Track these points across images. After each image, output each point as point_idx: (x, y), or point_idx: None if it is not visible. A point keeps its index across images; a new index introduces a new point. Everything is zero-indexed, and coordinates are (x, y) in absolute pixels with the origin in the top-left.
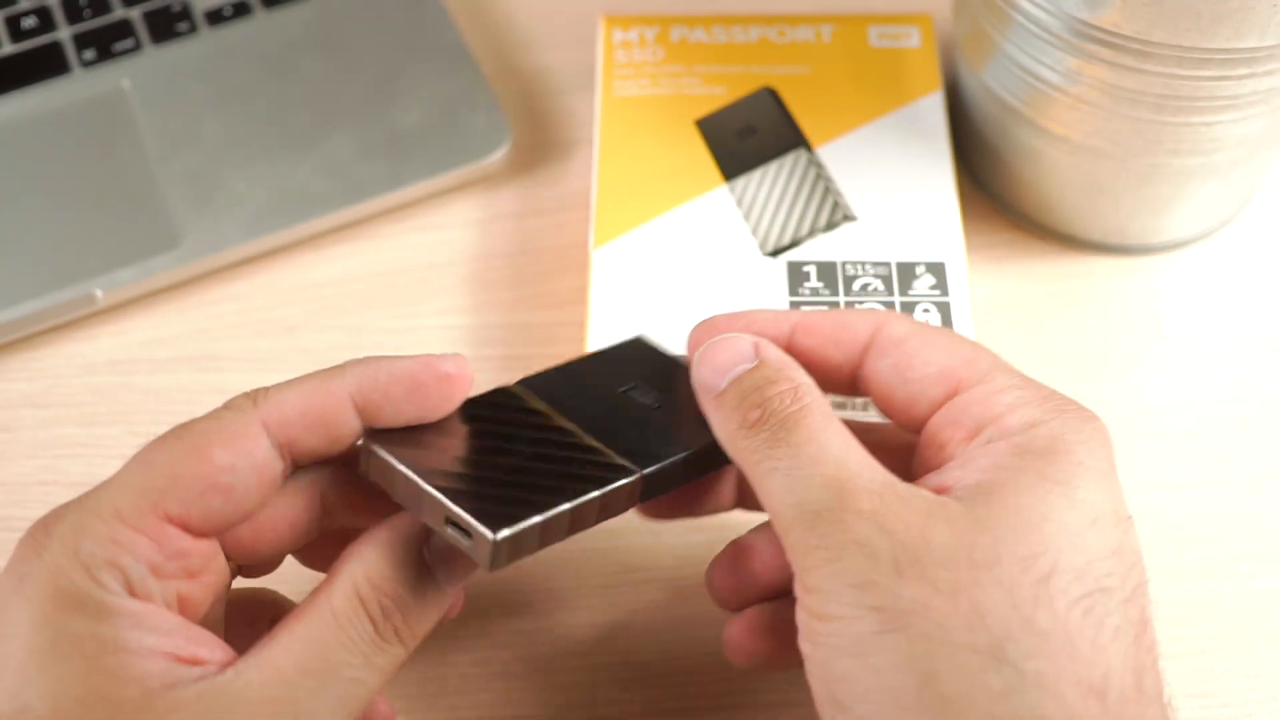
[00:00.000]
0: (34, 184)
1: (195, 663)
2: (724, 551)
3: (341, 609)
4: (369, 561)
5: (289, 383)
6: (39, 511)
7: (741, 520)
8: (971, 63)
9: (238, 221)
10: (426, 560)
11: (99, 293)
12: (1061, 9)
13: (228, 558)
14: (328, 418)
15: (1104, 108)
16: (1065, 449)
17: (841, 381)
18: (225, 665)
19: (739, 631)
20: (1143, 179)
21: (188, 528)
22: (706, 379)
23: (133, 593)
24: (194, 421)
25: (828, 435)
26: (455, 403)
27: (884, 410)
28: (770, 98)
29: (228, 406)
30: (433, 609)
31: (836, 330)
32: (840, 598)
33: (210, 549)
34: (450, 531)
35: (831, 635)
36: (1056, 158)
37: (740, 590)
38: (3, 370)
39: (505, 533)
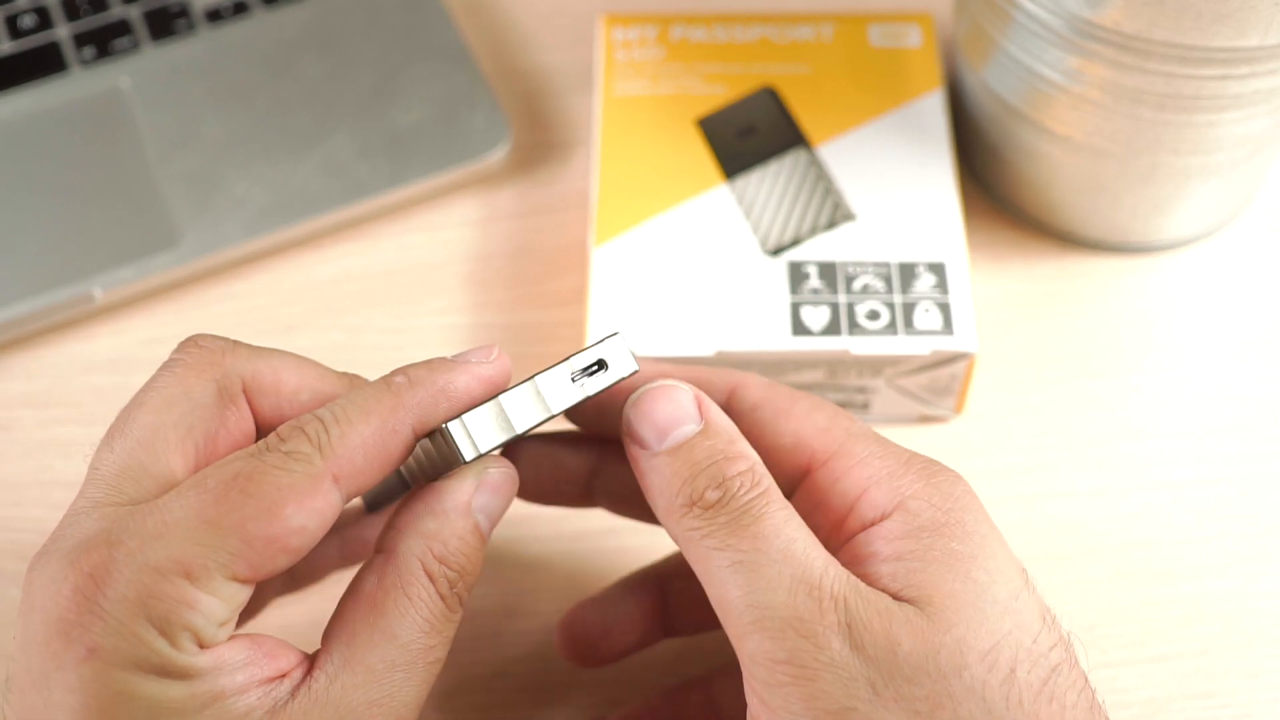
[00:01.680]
0: (32, 183)
1: (280, 677)
2: (567, 618)
3: (415, 591)
4: (431, 535)
5: (350, 420)
6: (38, 511)
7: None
8: (972, 62)
9: (237, 220)
10: (477, 518)
11: (98, 292)
12: (1063, 7)
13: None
14: (392, 458)
15: (1105, 107)
16: (953, 519)
17: None
18: (303, 668)
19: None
20: (1144, 178)
21: (250, 582)
22: (641, 433)
23: (202, 645)
24: (260, 470)
25: (792, 528)
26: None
27: None
28: (771, 97)
29: (292, 455)
30: (481, 561)
31: (693, 384)
32: None
33: (251, 591)
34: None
35: None
36: (1057, 157)
37: (588, 654)
38: (1, 370)
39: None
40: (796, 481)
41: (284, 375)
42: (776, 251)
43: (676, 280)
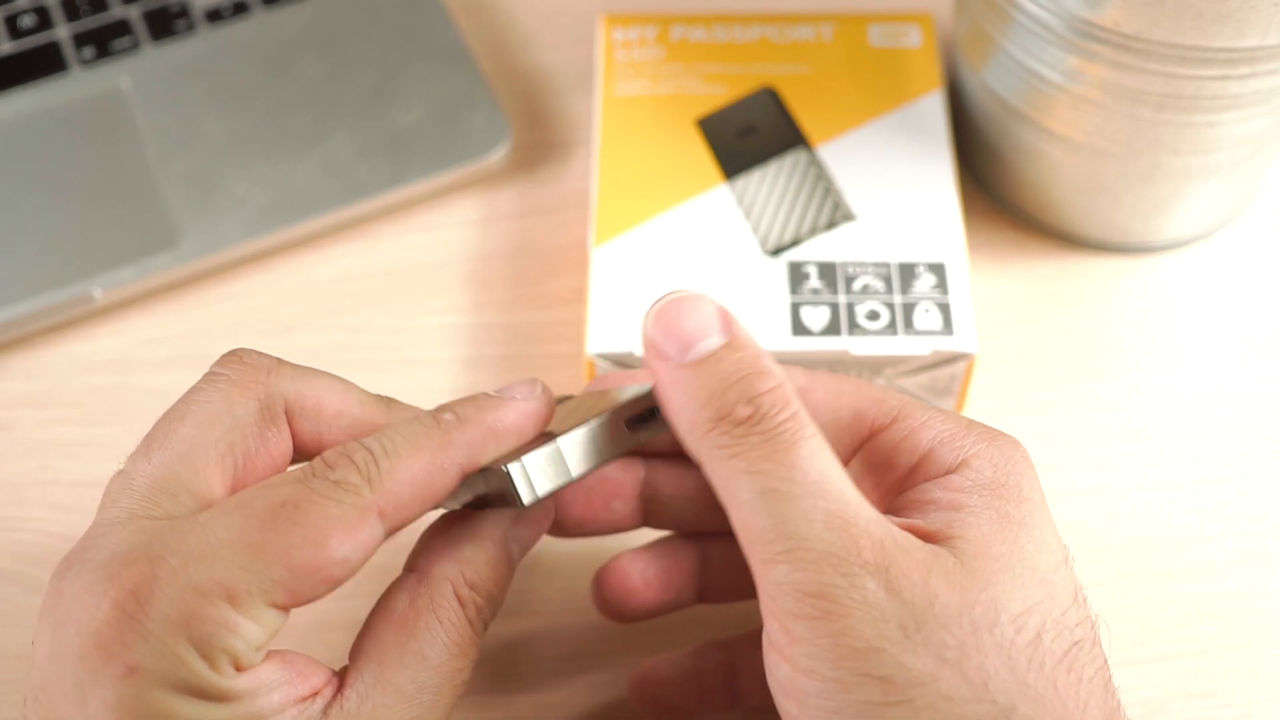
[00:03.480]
0: (32, 183)
1: (313, 695)
2: (606, 568)
3: (446, 615)
4: (465, 561)
5: (399, 454)
6: (38, 511)
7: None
8: (972, 62)
9: (237, 220)
10: (511, 548)
11: (98, 292)
12: (1062, 8)
13: None
14: (437, 495)
15: (1105, 107)
16: (1011, 483)
17: None
18: (332, 685)
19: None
20: (1143, 178)
21: (288, 609)
22: (663, 344)
23: (239, 668)
24: (307, 499)
25: (825, 459)
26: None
27: None
28: (771, 97)
29: (341, 485)
30: (508, 587)
31: None
32: (840, 660)
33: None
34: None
35: (823, 697)
36: (1057, 157)
37: (623, 608)
38: (1, 370)
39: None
40: (855, 452)
41: (326, 398)
42: (776, 252)
43: (676, 280)
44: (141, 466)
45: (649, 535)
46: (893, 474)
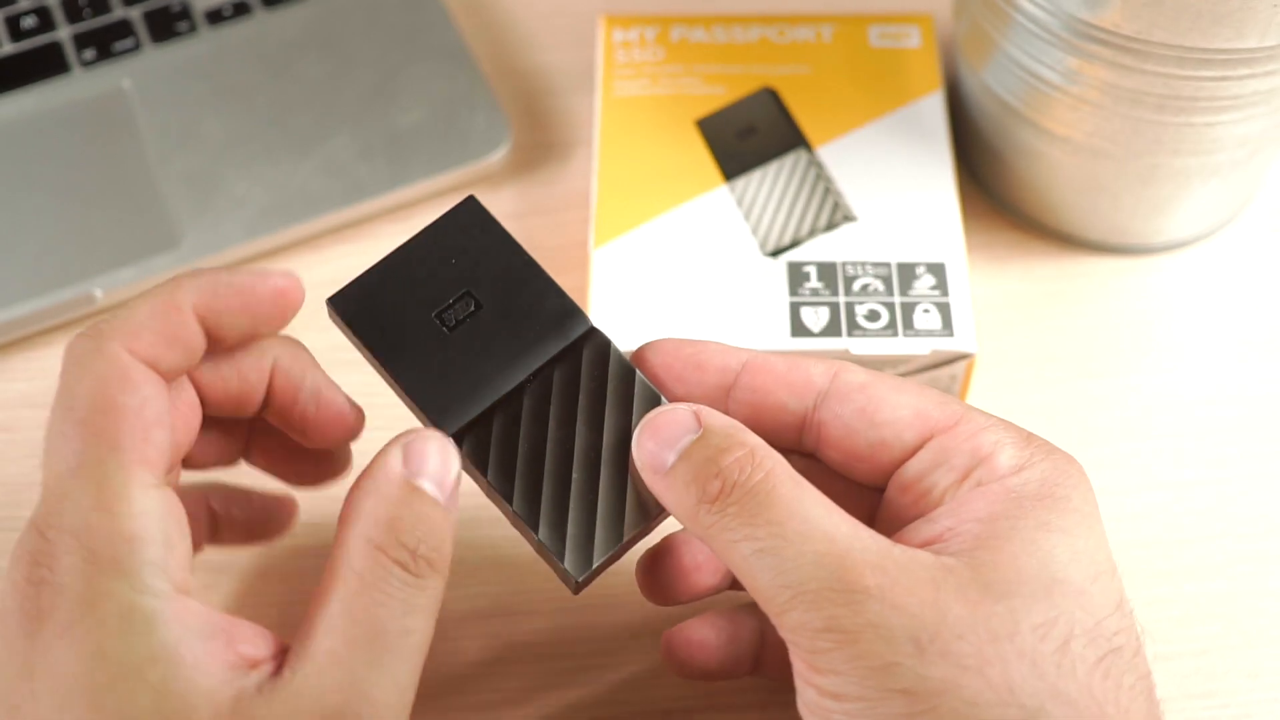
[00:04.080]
0: (34, 184)
1: (250, 664)
2: (657, 548)
3: (363, 566)
4: (366, 512)
5: (130, 307)
6: None
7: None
8: (972, 63)
9: (238, 221)
10: (420, 484)
11: (98, 292)
12: (1062, 9)
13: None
14: (179, 336)
15: (1104, 108)
16: (1061, 494)
17: (789, 428)
18: (275, 658)
19: (683, 643)
20: (1143, 179)
21: (157, 466)
22: (652, 457)
23: (175, 586)
24: (75, 386)
25: (806, 503)
26: (289, 316)
27: (840, 458)
28: (770, 98)
29: (77, 359)
30: (446, 526)
31: (790, 371)
32: (862, 681)
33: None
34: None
35: (852, 716)
36: (1057, 158)
37: (672, 590)
38: (2, 370)
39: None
40: (912, 451)
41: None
42: (776, 252)
43: (676, 281)
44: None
45: None
46: (948, 475)
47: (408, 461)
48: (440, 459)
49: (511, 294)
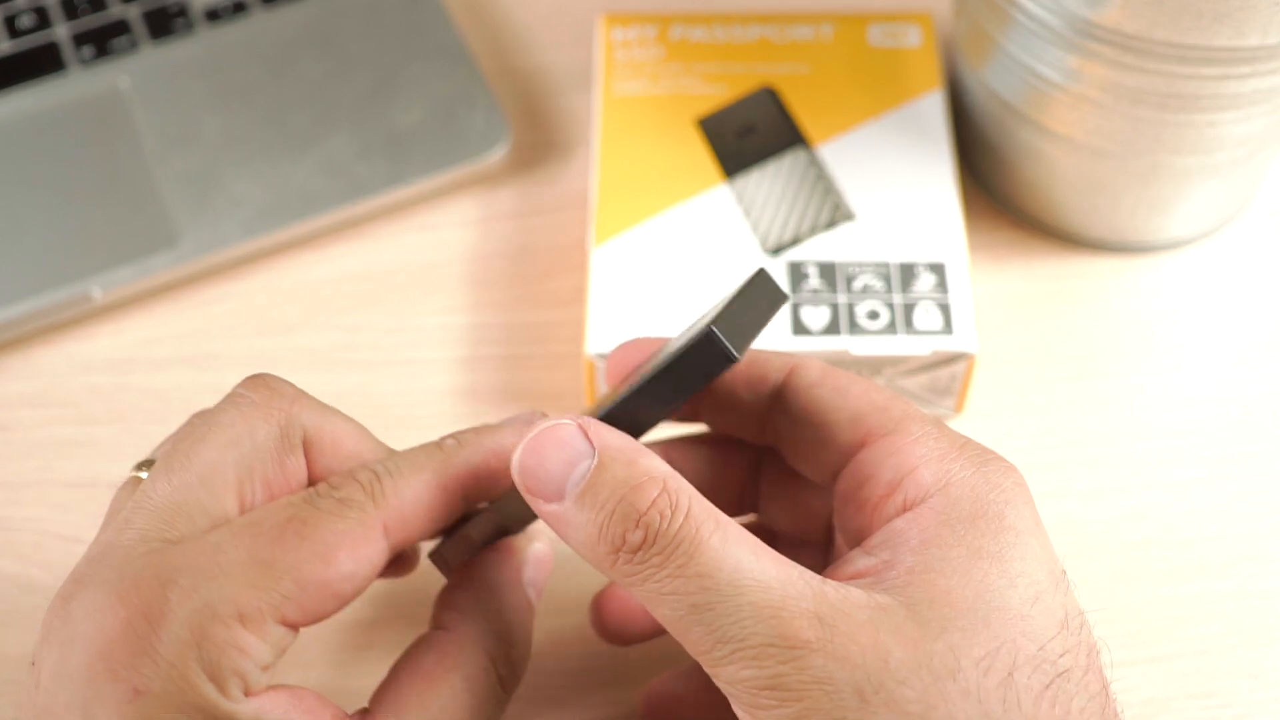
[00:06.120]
0: (31, 183)
1: None
2: (604, 593)
3: (474, 673)
4: (492, 616)
5: (402, 473)
6: (37, 511)
7: None
8: (972, 62)
9: (236, 220)
10: (528, 593)
11: (97, 292)
12: (1063, 7)
13: None
14: (441, 514)
15: (1105, 106)
16: (993, 512)
17: (750, 420)
18: None
19: (664, 702)
20: (1144, 178)
21: (296, 627)
22: (540, 487)
23: (248, 692)
24: (314, 516)
25: (732, 549)
26: None
27: (792, 459)
28: (770, 97)
29: (346, 503)
30: (531, 637)
31: (749, 366)
32: None
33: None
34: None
35: None
36: (1057, 157)
37: (624, 631)
38: (0, 370)
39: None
40: (849, 456)
41: (342, 437)
42: (776, 251)
43: (676, 279)
44: (160, 487)
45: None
46: (876, 489)
47: (528, 567)
48: (547, 571)
49: None
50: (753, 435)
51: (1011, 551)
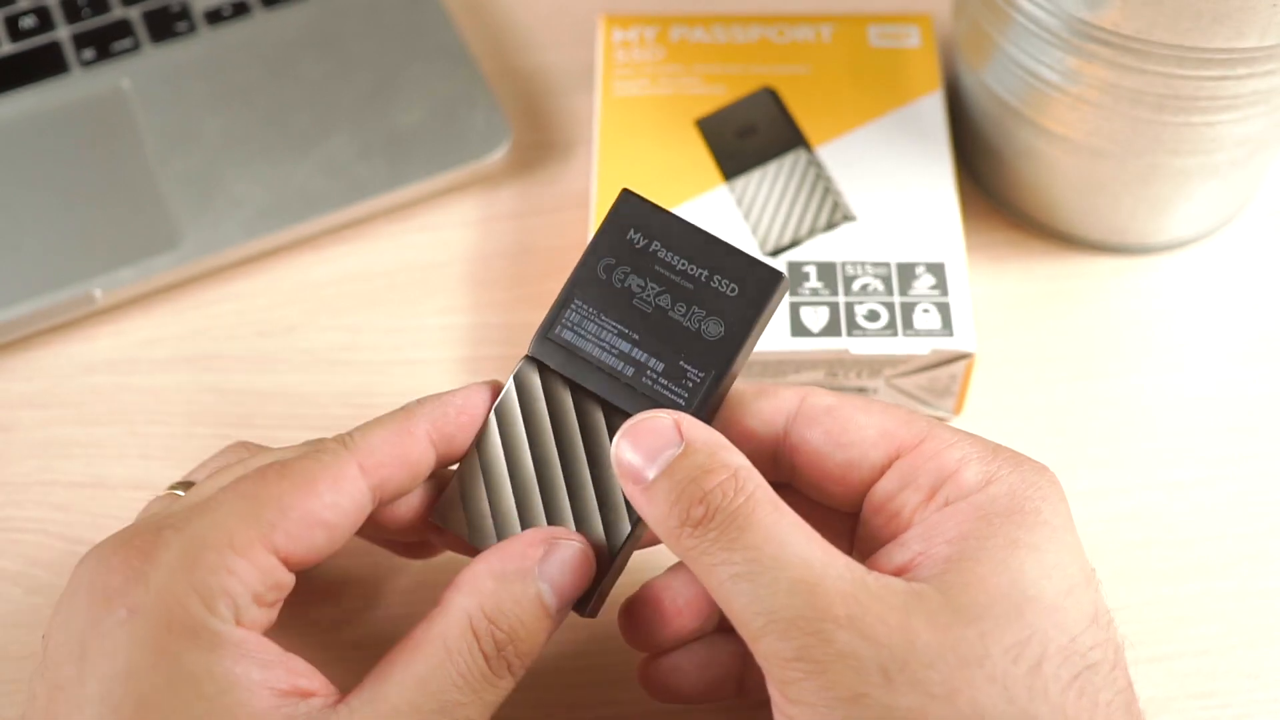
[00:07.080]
0: (33, 184)
1: (302, 695)
2: (637, 595)
3: (455, 644)
4: (483, 592)
5: (368, 425)
6: (38, 511)
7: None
8: (971, 62)
9: (237, 221)
10: (539, 586)
11: (98, 293)
12: (1061, 8)
13: None
14: (412, 457)
15: (1104, 107)
16: (1030, 508)
17: (763, 457)
18: (328, 696)
19: (656, 668)
20: (1143, 179)
21: (287, 562)
22: (632, 467)
23: (238, 621)
24: (293, 460)
25: (784, 529)
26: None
27: (813, 483)
28: (770, 97)
29: (320, 449)
30: (543, 636)
31: (758, 398)
32: (830, 712)
33: (291, 579)
34: None
35: None
36: (1056, 157)
37: (655, 636)
38: (1, 370)
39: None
40: (881, 470)
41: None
42: (776, 252)
43: None
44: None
45: None
46: (915, 495)
47: (544, 559)
48: (573, 572)
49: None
50: (766, 473)
51: (1048, 544)
